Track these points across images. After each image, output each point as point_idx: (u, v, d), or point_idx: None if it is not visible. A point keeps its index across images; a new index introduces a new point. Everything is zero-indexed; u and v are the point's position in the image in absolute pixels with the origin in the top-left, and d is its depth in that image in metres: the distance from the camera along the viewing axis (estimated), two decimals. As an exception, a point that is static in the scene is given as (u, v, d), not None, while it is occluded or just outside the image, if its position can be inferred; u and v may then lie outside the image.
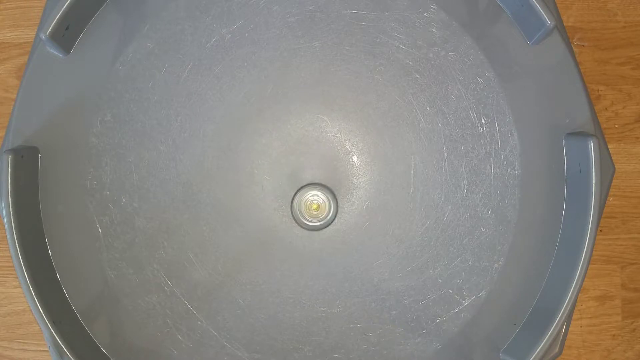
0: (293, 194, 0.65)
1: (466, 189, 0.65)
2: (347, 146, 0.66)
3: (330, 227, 0.65)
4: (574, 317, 0.74)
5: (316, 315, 0.65)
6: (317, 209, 0.65)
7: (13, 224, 0.59)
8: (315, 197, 0.65)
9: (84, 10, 0.63)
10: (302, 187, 0.65)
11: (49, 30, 0.60)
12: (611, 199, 0.75)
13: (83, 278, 0.64)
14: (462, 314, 0.65)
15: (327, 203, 0.65)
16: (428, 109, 0.65)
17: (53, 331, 0.59)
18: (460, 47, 0.65)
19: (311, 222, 0.65)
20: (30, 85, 0.64)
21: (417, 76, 0.65)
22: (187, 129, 0.65)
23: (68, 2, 0.60)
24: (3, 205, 0.60)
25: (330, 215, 0.65)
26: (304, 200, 0.65)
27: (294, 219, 0.65)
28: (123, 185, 0.64)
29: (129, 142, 0.64)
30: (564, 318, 0.60)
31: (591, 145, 0.60)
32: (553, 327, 0.60)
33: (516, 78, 0.64)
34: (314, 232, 0.65)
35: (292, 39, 0.65)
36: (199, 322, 0.64)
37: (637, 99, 0.74)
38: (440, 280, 0.65)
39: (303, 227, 0.65)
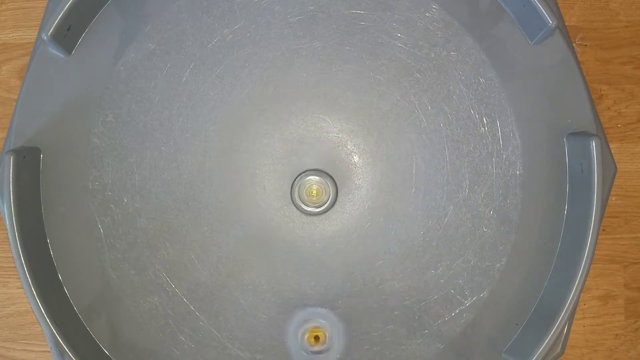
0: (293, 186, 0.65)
1: (468, 189, 0.65)
2: (348, 146, 0.66)
3: (332, 226, 0.65)
4: (576, 316, 0.74)
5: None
6: (316, 194, 0.65)
7: (15, 225, 0.59)
8: (314, 181, 0.65)
9: (85, 10, 0.63)
10: (301, 173, 0.65)
11: (51, 30, 0.60)
12: (614, 198, 0.74)
13: (85, 278, 0.64)
14: (464, 314, 0.65)
15: (325, 187, 0.65)
16: (430, 109, 0.65)
17: (55, 331, 0.59)
18: (462, 47, 0.65)
19: (310, 207, 0.65)
20: (32, 85, 0.64)
21: (419, 76, 0.65)
22: (188, 129, 0.65)
23: (70, 2, 0.60)
24: (5, 206, 0.60)
25: (329, 199, 0.65)
26: (304, 185, 0.65)
27: (293, 202, 0.65)
28: (125, 186, 0.64)
29: (130, 142, 0.65)
30: (566, 318, 0.60)
31: (593, 145, 0.60)
32: (555, 327, 0.60)
33: (518, 78, 0.64)
34: (316, 232, 0.65)
35: (293, 39, 0.65)
36: (201, 323, 0.65)
37: (639, 98, 0.74)
38: (442, 281, 0.65)
39: (302, 212, 0.65)
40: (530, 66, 0.64)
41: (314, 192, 0.65)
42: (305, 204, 0.65)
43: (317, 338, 0.65)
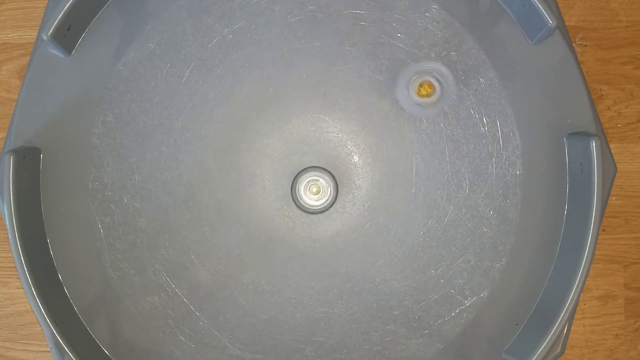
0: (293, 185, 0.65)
1: (468, 189, 0.65)
2: (348, 146, 0.66)
3: (332, 226, 0.65)
4: (576, 316, 0.74)
5: (318, 315, 0.65)
6: (317, 191, 0.65)
7: (15, 225, 0.59)
8: (315, 178, 0.65)
9: (85, 10, 0.63)
10: (301, 171, 0.65)
11: (51, 30, 0.60)
12: (614, 198, 0.74)
13: (85, 278, 0.64)
14: (464, 314, 0.65)
15: (326, 183, 0.65)
16: (430, 109, 0.65)
17: (55, 331, 0.59)
18: (462, 47, 0.65)
19: (312, 204, 0.65)
20: (32, 85, 0.64)
21: (419, 76, 0.65)
22: (188, 129, 0.65)
23: (70, 2, 0.60)
24: (5, 206, 0.60)
25: (330, 196, 0.65)
26: (304, 182, 0.65)
27: (293, 200, 0.65)
28: (125, 186, 0.64)
29: (130, 142, 0.65)
30: (566, 318, 0.60)
31: (593, 145, 0.60)
32: (555, 327, 0.60)
33: (518, 78, 0.64)
34: (316, 232, 0.65)
35: (293, 39, 0.65)
36: (201, 323, 0.65)
37: (639, 98, 0.74)
38: (442, 281, 0.65)
39: (303, 211, 0.65)
40: (530, 66, 0.64)
41: (315, 189, 0.65)
42: (305, 202, 0.65)
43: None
